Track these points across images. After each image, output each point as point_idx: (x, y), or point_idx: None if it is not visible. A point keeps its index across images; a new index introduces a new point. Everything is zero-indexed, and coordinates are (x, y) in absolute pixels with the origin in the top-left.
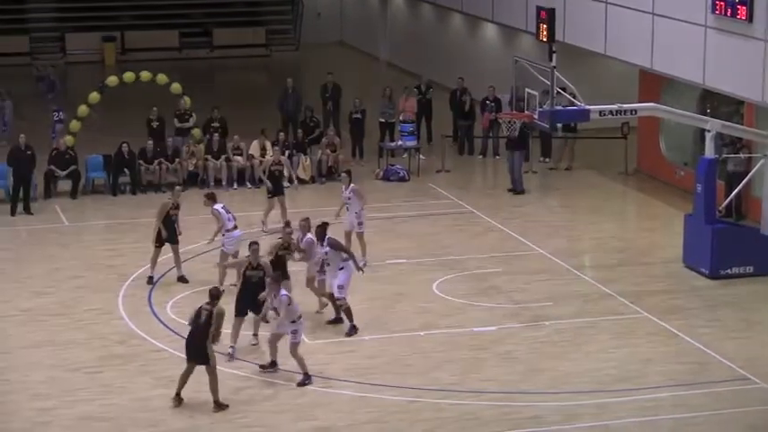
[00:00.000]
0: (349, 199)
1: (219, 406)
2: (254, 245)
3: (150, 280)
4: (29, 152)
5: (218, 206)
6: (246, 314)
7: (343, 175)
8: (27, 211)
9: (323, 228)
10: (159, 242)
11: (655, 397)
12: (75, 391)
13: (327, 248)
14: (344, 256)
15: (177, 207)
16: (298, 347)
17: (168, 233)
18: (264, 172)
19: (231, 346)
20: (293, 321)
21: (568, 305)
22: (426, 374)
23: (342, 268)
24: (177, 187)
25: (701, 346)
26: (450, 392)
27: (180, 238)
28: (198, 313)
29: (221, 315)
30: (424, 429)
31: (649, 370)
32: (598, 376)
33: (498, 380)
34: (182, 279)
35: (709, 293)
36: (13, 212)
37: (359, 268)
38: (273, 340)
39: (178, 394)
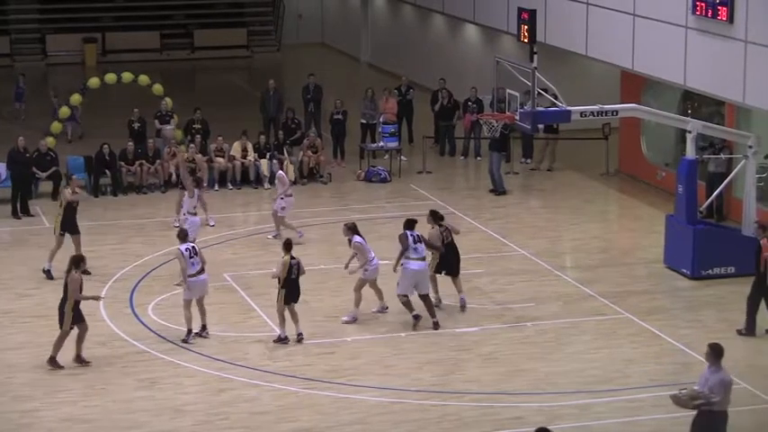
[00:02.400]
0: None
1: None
2: None
3: (49, 274)
4: (27, 154)
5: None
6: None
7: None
8: (26, 212)
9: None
10: (62, 231)
11: (637, 397)
12: (58, 393)
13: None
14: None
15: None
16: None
17: (70, 224)
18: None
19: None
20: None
21: (550, 306)
22: (408, 375)
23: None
24: (74, 176)
25: (683, 347)
26: (432, 393)
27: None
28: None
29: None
30: (407, 430)
31: (631, 370)
32: (580, 377)
33: (480, 381)
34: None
35: (690, 294)
36: (15, 214)
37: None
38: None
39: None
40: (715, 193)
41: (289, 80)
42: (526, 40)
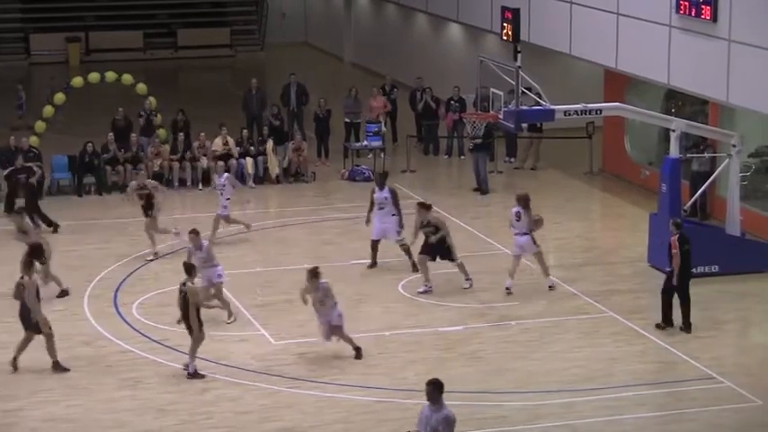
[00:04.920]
0: (223, 186)
1: (57, 367)
2: None
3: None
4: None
5: None
6: None
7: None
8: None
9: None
10: (145, 213)
11: (620, 396)
12: (41, 393)
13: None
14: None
15: (144, 187)
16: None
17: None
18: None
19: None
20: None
21: (534, 305)
22: (392, 374)
23: None
24: (141, 171)
25: (667, 346)
26: (415, 392)
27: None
28: (18, 287)
29: (32, 285)
30: (390, 429)
31: (614, 369)
32: (564, 375)
33: (464, 380)
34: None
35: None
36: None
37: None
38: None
39: (15, 359)
40: (698, 192)
41: (272, 79)
42: (510, 39)
